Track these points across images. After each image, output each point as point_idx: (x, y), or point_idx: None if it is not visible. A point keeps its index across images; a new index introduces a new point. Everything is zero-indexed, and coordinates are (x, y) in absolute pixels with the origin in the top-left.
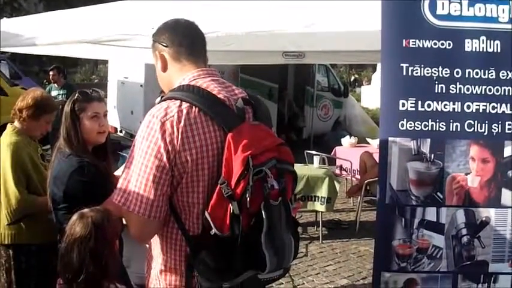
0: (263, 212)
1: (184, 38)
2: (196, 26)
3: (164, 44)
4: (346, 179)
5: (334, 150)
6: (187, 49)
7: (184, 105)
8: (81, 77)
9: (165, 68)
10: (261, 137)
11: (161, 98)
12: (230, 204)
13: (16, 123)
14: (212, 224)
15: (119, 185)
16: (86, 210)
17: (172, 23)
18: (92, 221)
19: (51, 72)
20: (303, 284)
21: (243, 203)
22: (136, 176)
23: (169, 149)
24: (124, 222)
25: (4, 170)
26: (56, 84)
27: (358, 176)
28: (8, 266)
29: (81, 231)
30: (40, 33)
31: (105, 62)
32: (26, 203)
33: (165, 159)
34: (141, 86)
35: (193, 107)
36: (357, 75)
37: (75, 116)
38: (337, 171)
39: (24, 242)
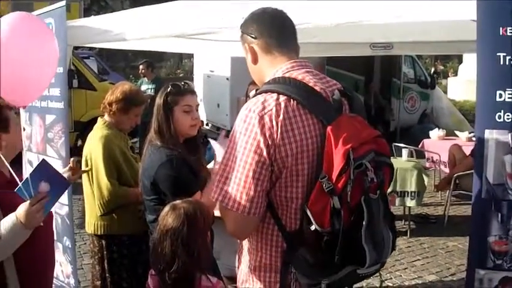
0: (364, 206)
1: (273, 29)
2: (285, 15)
3: (253, 36)
4: (434, 171)
5: (422, 143)
6: (277, 40)
7: (282, 98)
8: (167, 72)
9: (255, 61)
10: (359, 129)
11: (256, 91)
12: (330, 199)
13: (106, 117)
14: (312, 219)
15: (215, 182)
16: (177, 201)
17: (260, 13)
18: (184, 212)
19: (140, 67)
20: (391, 278)
21: (344, 197)
22: (235, 173)
23: (269, 143)
24: (216, 214)
25: (96, 163)
26: (146, 78)
27: (447, 169)
28: (101, 255)
29: (174, 222)
30: (129, 29)
31: (189, 57)
32: (118, 195)
33: (265, 154)
34: (227, 79)
35: (291, 99)
36: (442, 67)
37: (167, 109)
38: (427, 164)
39: (116, 233)
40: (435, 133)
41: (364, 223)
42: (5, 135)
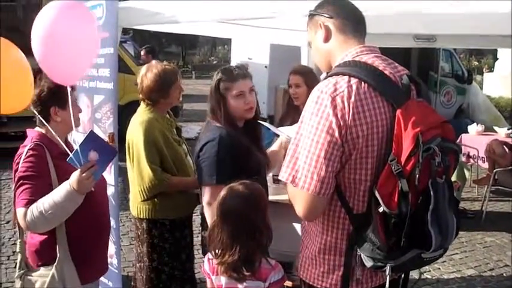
0: (431, 189)
1: (349, 12)
2: (355, 6)
3: (328, 15)
4: (471, 166)
5: (460, 137)
6: (352, 23)
7: (353, 80)
8: (200, 59)
9: (327, 38)
10: (426, 114)
11: (327, 73)
12: (399, 181)
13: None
14: (381, 202)
15: (285, 162)
16: (234, 183)
17: None
18: (244, 193)
19: (142, 52)
20: (429, 271)
21: (412, 180)
22: (305, 153)
23: (341, 124)
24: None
25: (137, 148)
26: None
27: (484, 165)
28: (143, 238)
29: (234, 204)
30: (181, 11)
31: (223, 44)
32: (160, 182)
33: (337, 134)
34: (266, 67)
35: (362, 82)
36: (476, 62)
37: (219, 96)
38: (464, 158)
39: (157, 217)
40: (474, 128)
41: (430, 207)
42: (61, 111)
